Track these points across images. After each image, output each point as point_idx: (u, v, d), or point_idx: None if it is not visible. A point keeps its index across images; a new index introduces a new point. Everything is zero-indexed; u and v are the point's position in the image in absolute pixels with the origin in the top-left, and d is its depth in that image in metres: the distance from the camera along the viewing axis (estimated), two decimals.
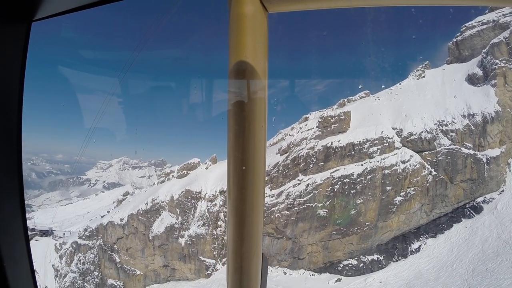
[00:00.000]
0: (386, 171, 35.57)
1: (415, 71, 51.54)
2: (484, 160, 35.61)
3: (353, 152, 37.74)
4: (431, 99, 42.05)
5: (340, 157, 38.17)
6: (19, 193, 1.26)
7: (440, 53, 54.10)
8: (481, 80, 40.95)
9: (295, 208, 37.54)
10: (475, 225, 33.03)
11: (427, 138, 36.56)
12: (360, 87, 65.27)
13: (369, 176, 35.72)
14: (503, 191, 34.67)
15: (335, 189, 36.52)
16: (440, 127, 37.50)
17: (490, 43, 40.74)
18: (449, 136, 36.61)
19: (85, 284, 36.40)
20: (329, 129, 40.78)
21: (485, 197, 34.74)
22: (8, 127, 1.22)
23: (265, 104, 0.93)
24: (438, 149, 36.04)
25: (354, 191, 35.77)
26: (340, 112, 41.49)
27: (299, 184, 39.06)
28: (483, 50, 41.79)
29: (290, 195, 38.61)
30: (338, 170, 37.55)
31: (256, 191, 0.93)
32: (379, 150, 36.98)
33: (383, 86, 55.31)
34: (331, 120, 40.96)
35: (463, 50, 47.15)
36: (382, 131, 38.15)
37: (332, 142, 39.14)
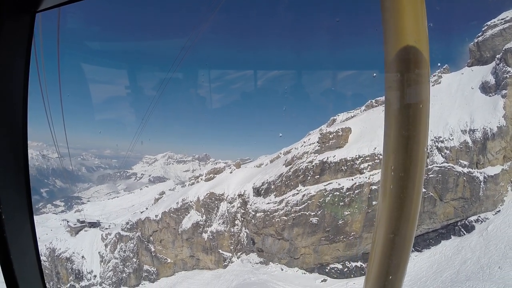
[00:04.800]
0: (374, 187, 38.04)
1: (432, 76, 49.61)
2: (481, 178, 34.93)
3: (345, 168, 40.91)
4: (436, 111, 41.43)
5: (334, 172, 41.72)
6: (25, 188, 1.30)
7: (465, 55, 50.12)
8: (493, 89, 38.65)
9: (292, 214, 42.97)
10: (461, 244, 33.69)
11: None
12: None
13: (357, 191, 38.75)
14: (499, 211, 33.88)
15: (326, 201, 40.64)
16: (436, 144, 37.61)
17: (504, 48, 37.74)
18: (443, 154, 36.66)
19: (125, 268, 46.56)
20: (327, 144, 44.25)
21: (479, 216, 34.52)
22: (14, 120, 1.22)
23: (429, 98, 0.85)
24: (429, 167, 36.62)
25: (342, 203, 39.40)
26: (338, 129, 44.38)
27: (297, 194, 44.14)
28: (497, 56, 38.87)
29: (289, 203, 44.09)
30: (331, 183, 41.35)
31: (415, 201, 0.84)
32: (369, 166, 39.35)
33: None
34: (330, 136, 44.25)
35: (484, 51, 43.77)
36: (375, 148, 40.08)
37: (328, 157, 42.77)
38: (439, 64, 48.58)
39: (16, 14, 1.17)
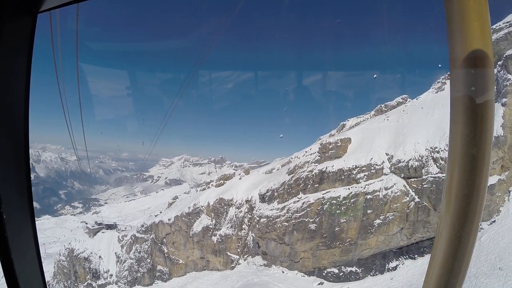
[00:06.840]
0: (369, 196, 39.27)
1: (436, 82, 49.32)
2: None
3: (343, 177, 42.43)
4: (436, 119, 41.58)
5: (332, 181, 43.37)
6: (26, 189, 1.30)
7: None
8: (494, 97, 38.10)
9: (293, 221, 45.25)
10: None
11: (414, 166, 37.94)
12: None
13: (353, 200, 40.17)
14: (494, 221, 33.81)
15: (324, 208, 42.48)
16: (432, 154, 37.97)
17: (505, 55, 37.07)
18: (438, 164, 36.99)
19: (140, 268, 49.92)
20: (327, 154, 45.90)
21: None
22: (15, 121, 1.22)
23: (494, 99, 0.83)
24: (424, 177, 37.17)
25: (339, 211, 41.03)
26: (338, 139, 45.86)
27: (298, 201, 46.30)
28: (498, 63, 38.17)
29: (290, 210, 46.40)
30: (329, 192, 43.08)
31: (479, 206, 0.83)
32: (365, 176, 40.57)
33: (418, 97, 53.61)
34: (329, 147, 45.87)
35: None
36: (371, 158, 41.22)
37: (327, 167, 44.48)
38: (440, 65, 47.84)
39: (16, 15, 1.18)
